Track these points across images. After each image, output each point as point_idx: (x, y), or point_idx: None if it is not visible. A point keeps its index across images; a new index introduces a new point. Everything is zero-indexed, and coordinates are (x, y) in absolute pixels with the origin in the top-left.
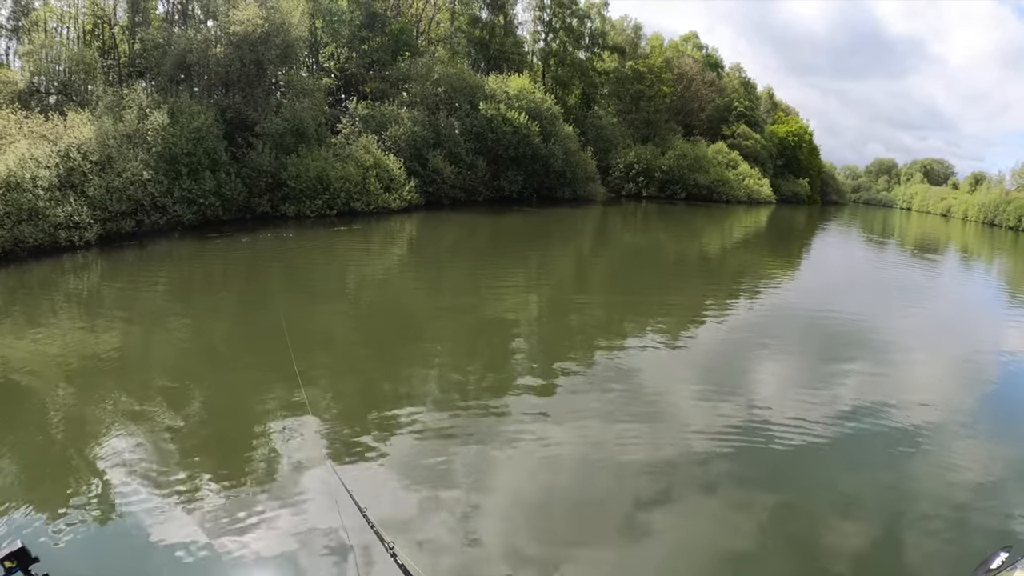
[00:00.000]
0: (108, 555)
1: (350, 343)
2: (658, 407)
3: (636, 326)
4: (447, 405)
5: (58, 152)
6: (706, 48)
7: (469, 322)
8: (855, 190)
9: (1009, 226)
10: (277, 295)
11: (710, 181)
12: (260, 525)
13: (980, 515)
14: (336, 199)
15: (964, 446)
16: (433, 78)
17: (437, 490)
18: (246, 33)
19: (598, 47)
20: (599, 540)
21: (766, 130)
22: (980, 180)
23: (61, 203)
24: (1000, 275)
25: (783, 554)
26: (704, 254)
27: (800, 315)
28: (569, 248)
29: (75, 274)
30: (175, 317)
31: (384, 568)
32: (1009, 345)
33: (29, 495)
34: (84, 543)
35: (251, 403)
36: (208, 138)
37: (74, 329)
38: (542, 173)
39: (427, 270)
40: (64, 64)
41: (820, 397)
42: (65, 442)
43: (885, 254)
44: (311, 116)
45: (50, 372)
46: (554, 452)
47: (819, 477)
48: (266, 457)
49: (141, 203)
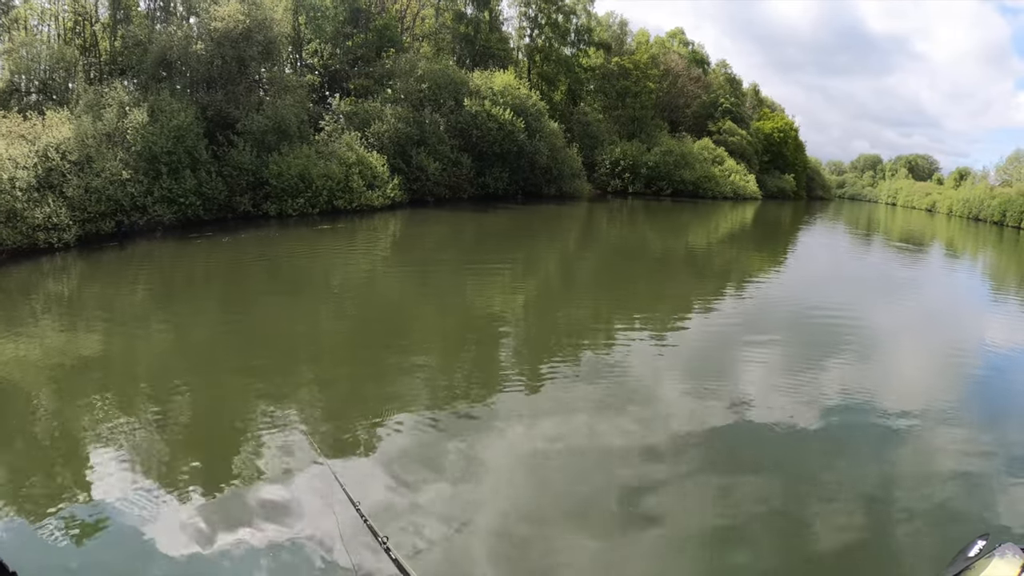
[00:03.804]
0: (95, 563)
1: (336, 342)
2: (645, 400)
3: (623, 321)
4: (436, 401)
5: (36, 152)
6: (692, 45)
7: (456, 320)
8: (840, 186)
9: (993, 221)
10: (260, 295)
11: (696, 177)
12: (252, 523)
13: (960, 503)
14: (318, 197)
15: (946, 436)
16: (417, 74)
17: (428, 484)
18: (227, 30)
19: (584, 43)
20: (590, 530)
21: (752, 126)
22: (965, 176)
23: (39, 204)
24: (984, 269)
25: (769, 540)
26: (690, 250)
27: (786, 309)
28: (555, 245)
29: (54, 277)
30: (157, 319)
31: (378, 563)
32: (992, 337)
33: (11, 503)
34: (69, 551)
35: (237, 404)
36: (189, 136)
37: (55, 333)
38: (527, 170)
39: (412, 269)
40: (45, 62)
41: (806, 389)
42: (48, 448)
43: (870, 249)
44: (294, 113)
45: (31, 377)
46: (543, 444)
47: (804, 467)
48: (255, 455)
49: (121, 203)
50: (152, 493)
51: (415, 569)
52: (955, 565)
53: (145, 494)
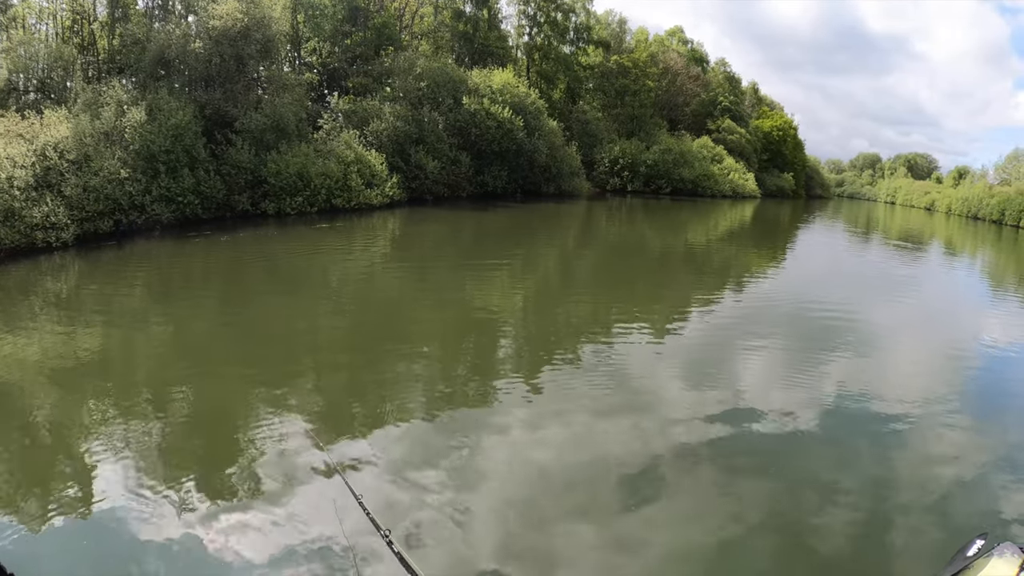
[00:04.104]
0: (94, 562)
1: (336, 340)
2: (645, 398)
3: (623, 320)
4: (436, 397)
5: (34, 151)
6: (691, 43)
7: (455, 318)
8: (839, 184)
9: (992, 220)
10: (259, 294)
11: (695, 176)
12: (254, 517)
13: (959, 503)
14: (317, 196)
15: (946, 435)
16: (416, 72)
17: (429, 480)
18: (226, 28)
19: (583, 41)
20: (590, 527)
21: (751, 125)
22: (963, 174)
23: (37, 203)
24: (983, 267)
25: (769, 538)
26: (690, 248)
27: (785, 307)
28: (554, 244)
29: (53, 276)
30: (156, 317)
31: (380, 557)
32: (991, 335)
33: (10, 503)
34: (69, 551)
35: (237, 400)
36: (187, 135)
37: (53, 332)
38: (526, 168)
39: (411, 267)
40: (43, 61)
41: (805, 387)
42: (47, 448)
43: (869, 247)
44: (292, 112)
45: (30, 377)
46: (543, 442)
47: (803, 466)
48: (256, 451)
49: (119, 202)
50: (152, 490)
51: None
52: (953, 564)
53: (145, 491)
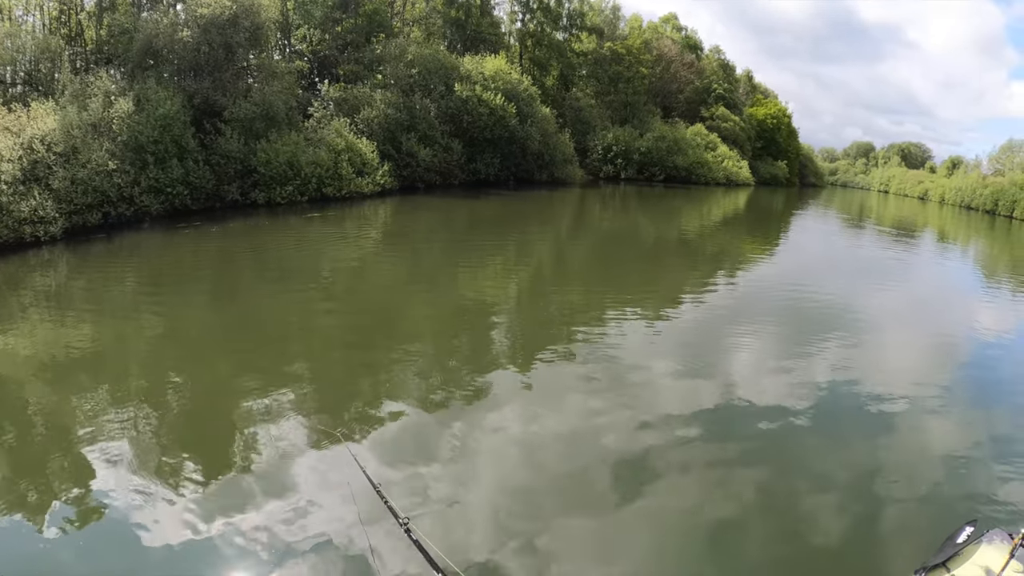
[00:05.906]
0: (94, 560)
1: (329, 331)
2: (639, 386)
3: (616, 308)
4: (430, 387)
5: (21, 144)
6: (685, 30)
7: (448, 307)
8: (833, 173)
9: (986, 209)
10: (251, 284)
11: (689, 163)
12: (270, 506)
13: (949, 490)
14: (307, 185)
15: (936, 424)
16: (407, 59)
17: (435, 467)
18: (214, 16)
19: (576, 28)
20: (589, 513)
21: (745, 112)
22: (957, 164)
23: (25, 197)
24: (976, 257)
25: (761, 525)
26: (683, 236)
27: (778, 296)
28: (547, 232)
29: (42, 270)
30: (147, 310)
31: (398, 543)
32: (983, 324)
33: (6, 497)
34: (63, 546)
35: (235, 390)
36: (175, 125)
37: (43, 326)
38: (519, 156)
39: (403, 256)
40: (30, 53)
41: (797, 375)
42: (40, 442)
43: (862, 235)
44: (282, 100)
45: (22, 372)
46: (541, 430)
47: (795, 453)
48: (263, 440)
49: (107, 194)
50: (156, 486)
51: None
52: (943, 551)
53: (151, 488)
